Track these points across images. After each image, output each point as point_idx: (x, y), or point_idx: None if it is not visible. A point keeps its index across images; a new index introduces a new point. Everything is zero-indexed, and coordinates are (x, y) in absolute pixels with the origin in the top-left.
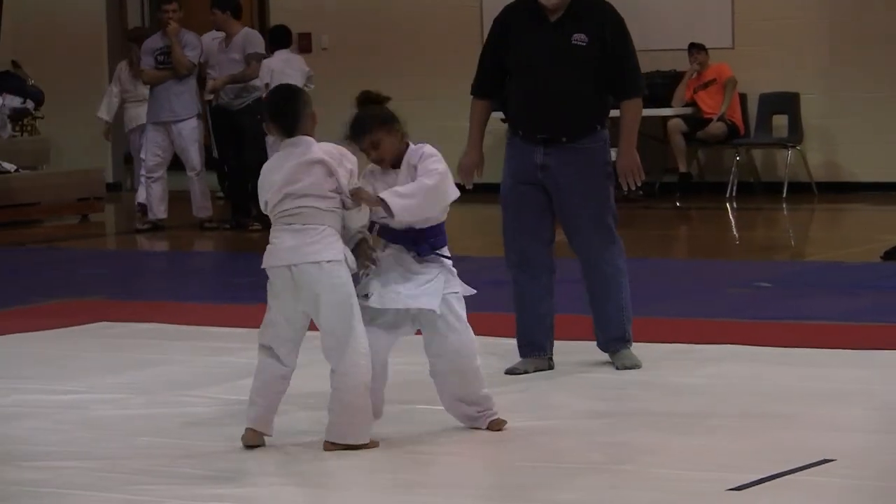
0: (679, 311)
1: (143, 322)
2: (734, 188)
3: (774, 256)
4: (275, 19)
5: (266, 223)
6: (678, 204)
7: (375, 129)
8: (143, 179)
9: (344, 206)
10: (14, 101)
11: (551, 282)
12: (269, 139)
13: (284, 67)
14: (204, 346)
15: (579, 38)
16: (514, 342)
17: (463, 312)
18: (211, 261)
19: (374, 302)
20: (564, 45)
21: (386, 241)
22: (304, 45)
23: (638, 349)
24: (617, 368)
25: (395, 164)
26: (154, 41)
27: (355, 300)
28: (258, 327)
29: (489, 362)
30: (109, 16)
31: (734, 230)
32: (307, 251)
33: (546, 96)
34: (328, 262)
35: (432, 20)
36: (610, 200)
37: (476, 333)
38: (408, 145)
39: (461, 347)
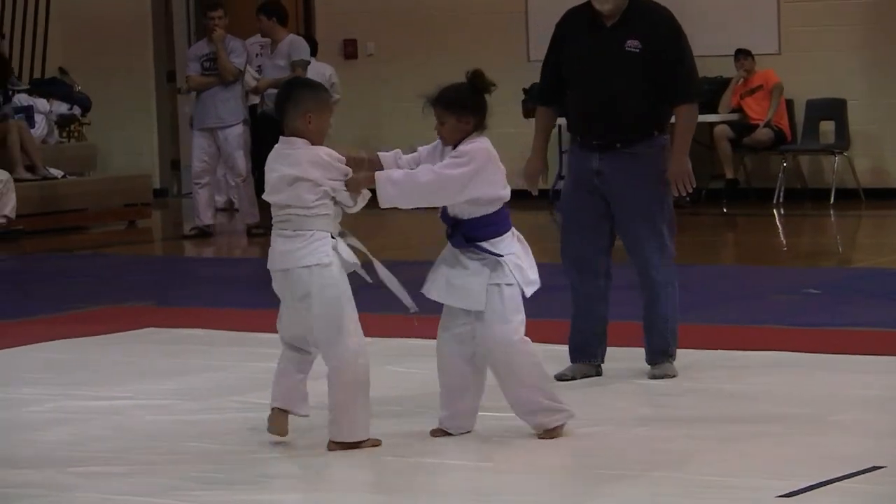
0: (726, 317)
1: (190, 328)
2: (781, 194)
3: (822, 263)
4: (320, 26)
5: None
6: (725, 210)
7: (446, 109)
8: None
9: (336, 200)
10: (61, 108)
11: (607, 288)
12: None
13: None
14: (250, 351)
15: (632, 45)
16: (566, 349)
17: (504, 305)
18: (257, 267)
19: (424, 290)
20: (617, 52)
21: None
22: (350, 51)
23: (686, 355)
24: (648, 377)
25: (456, 145)
26: (200, 47)
27: (346, 301)
28: None
29: None
30: (155, 23)
31: (781, 236)
32: (297, 256)
33: (599, 102)
34: (317, 265)
35: (479, 27)
36: (664, 207)
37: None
38: (470, 134)
39: (490, 342)
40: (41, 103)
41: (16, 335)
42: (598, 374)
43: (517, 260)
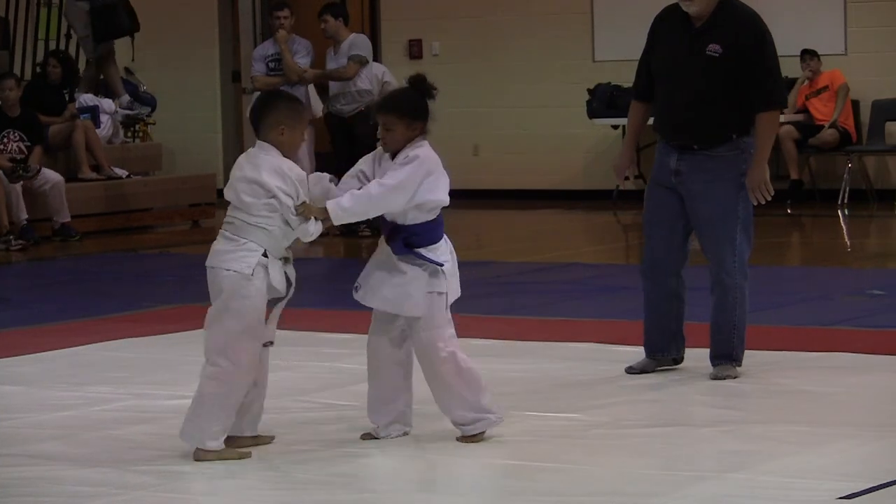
0: (791, 318)
1: None
2: (846, 195)
3: (887, 264)
4: (385, 27)
5: (376, 229)
6: (790, 211)
7: (394, 115)
8: None
9: (287, 222)
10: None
11: (678, 286)
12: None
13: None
14: (316, 351)
15: (713, 49)
16: (629, 350)
17: (437, 313)
18: (322, 267)
19: (358, 297)
20: (699, 55)
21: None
22: (415, 51)
23: (751, 356)
24: (710, 378)
25: (397, 152)
26: (265, 48)
27: (248, 317)
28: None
29: (606, 368)
30: (221, 22)
31: (846, 237)
32: (224, 258)
33: (678, 103)
34: (235, 273)
35: (543, 28)
36: (738, 211)
37: (589, 340)
38: (415, 139)
39: (421, 349)
40: (107, 103)
41: (86, 333)
42: (676, 362)
43: (452, 267)
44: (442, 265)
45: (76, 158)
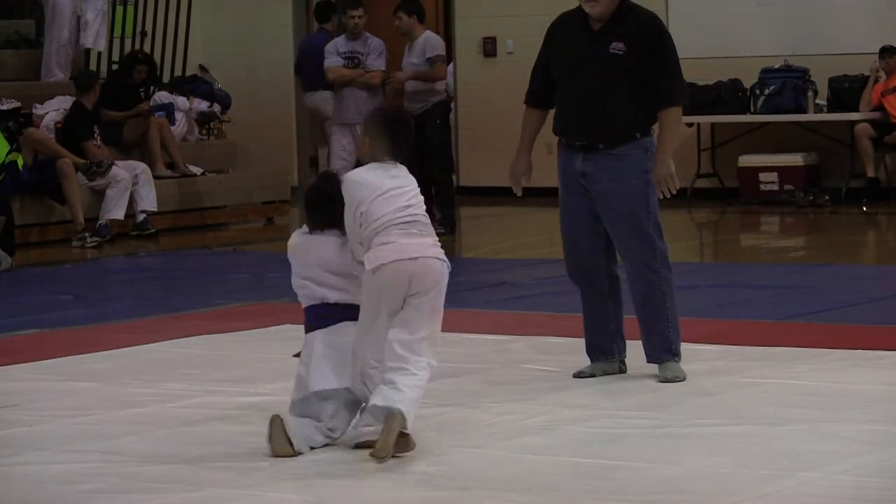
0: (866, 317)
1: None
2: None
3: None
4: (459, 24)
5: (449, 227)
6: (865, 209)
7: None
8: None
9: None
10: (201, 105)
11: (614, 286)
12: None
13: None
14: None
15: (617, 47)
16: (704, 348)
17: None
18: None
19: None
20: (602, 54)
21: None
22: (490, 49)
23: (825, 355)
24: (659, 381)
25: None
26: (337, 44)
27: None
28: (449, 332)
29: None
30: (296, 20)
31: None
32: (441, 252)
33: (582, 104)
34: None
35: None
36: (649, 208)
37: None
38: None
39: None
40: (182, 101)
41: (159, 330)
42: (622, 370)
43: None
44: None
45: (151, 156)
